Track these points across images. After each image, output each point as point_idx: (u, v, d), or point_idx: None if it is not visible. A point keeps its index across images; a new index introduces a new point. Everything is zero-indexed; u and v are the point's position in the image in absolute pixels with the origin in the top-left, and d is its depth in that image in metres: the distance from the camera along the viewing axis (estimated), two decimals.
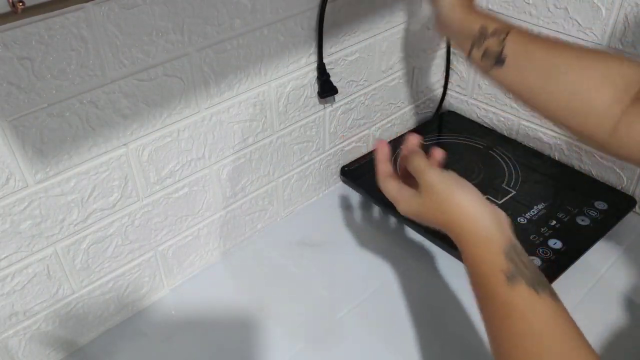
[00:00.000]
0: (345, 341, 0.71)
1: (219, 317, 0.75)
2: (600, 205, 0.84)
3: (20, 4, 0.38)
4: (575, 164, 0.94)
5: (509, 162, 0.94)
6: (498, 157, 0.95)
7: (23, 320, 0.65)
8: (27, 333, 0.66)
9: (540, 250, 0.77)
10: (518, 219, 0.82)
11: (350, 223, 0.88)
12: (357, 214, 0.90)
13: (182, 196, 0.73)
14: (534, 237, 0.79)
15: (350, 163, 0.94)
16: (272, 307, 0.75)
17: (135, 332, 0.73)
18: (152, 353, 0.70)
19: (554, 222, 0.82)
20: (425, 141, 0.97)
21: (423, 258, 0.82)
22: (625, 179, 0.89)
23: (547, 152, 0.97)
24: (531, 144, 0.98)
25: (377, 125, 0.97)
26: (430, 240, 0.83)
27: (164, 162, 0.69)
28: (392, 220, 0.88)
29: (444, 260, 0.81)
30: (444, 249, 0.81)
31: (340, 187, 0.95)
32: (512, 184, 0.89)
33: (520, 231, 0.79)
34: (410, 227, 0.85)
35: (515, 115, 0.99)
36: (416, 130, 1.03)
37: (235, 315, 0.75)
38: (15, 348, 0.66)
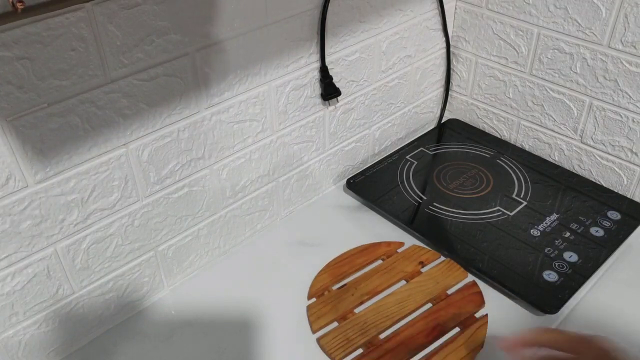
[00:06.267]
0: None
1: (219, 317, 0.75)
2: (614, 215, 0.84)
3: (20, 4, 0.39)
4: (575, 163, 0.94)
5: (517, 170, 0.93)
6: (506, 166, 0.94)
7: (23, 320, 0.65)
8: (27, 333, 0.66)
9: (556, 264, 0.76)
10: (531, 231, 0.82)
11: (350, 223, 0.88)
12: (357, 214, 0.90)
13: (182, 196, 0.73)
14: (549, 250, 0.78)
15: (356, 175, 0.94)
16: (272, 307, 0.75)
17: (135, 332, 0.73)
18: (152, 353, 0.70)
19: (567, 234, 0.81)
20: (430, 150, 0.98)
21: None
22: (625, 178, 0.89)
23: (547, 151, 0.97)
24: (530, 144, 0.99)
25: (377, 126, 0.97)
26: (429, 243, 0.83)
27: (164, 162, 0.69)
28: (392, 222, 0.88)
29: None
30: (441, 252, 0.82)
31: (340, 188, 0.95)
32: (522, 194, 0.88)
33: (535, 244, 0.80)
34: (410, 230, 0.85)
35: (515, 115, 0.99)
36: (419, 139, 1.02)
37: (235, 315, 0.75)
38: (15, 348, 0.66)
